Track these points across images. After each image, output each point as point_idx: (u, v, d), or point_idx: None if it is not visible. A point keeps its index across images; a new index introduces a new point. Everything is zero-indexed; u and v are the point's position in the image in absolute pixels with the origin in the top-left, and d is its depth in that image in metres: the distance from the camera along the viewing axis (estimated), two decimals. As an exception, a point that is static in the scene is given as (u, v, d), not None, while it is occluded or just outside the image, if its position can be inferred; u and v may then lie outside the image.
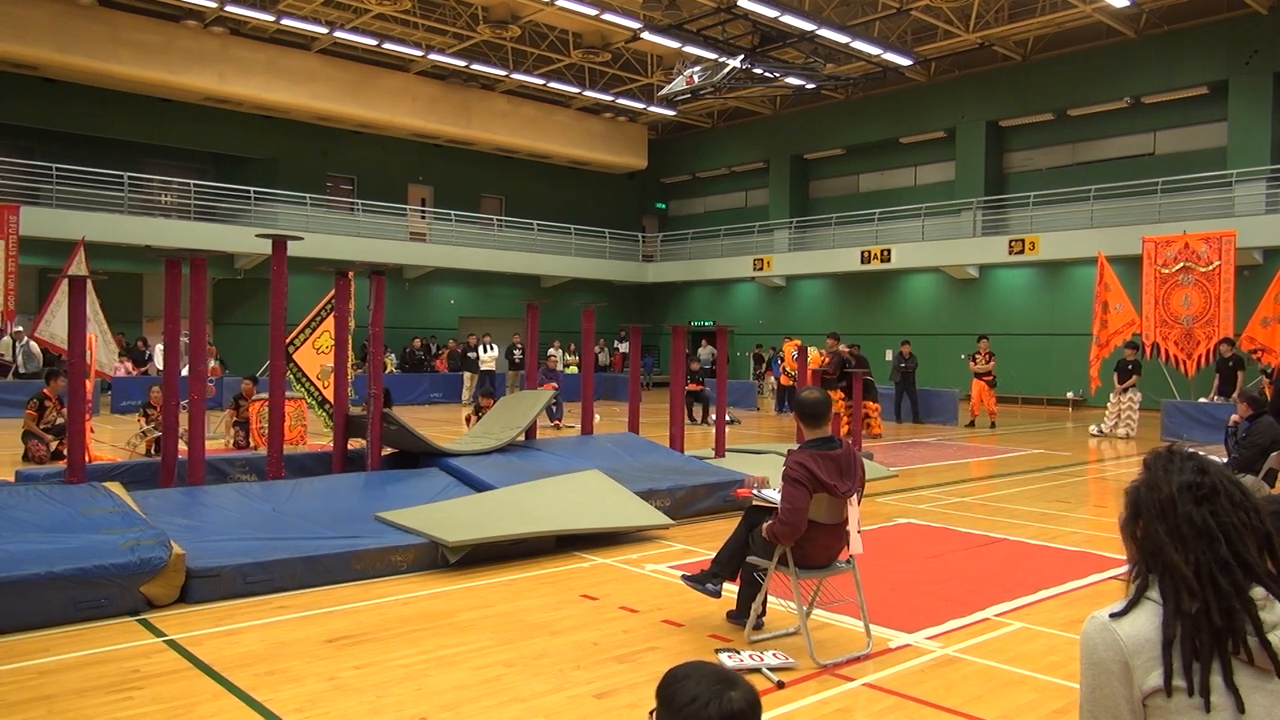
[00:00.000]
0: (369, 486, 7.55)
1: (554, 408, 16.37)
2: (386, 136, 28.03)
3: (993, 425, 17.27)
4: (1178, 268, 16.44)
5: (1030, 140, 25.08)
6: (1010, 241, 22.78)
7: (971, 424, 17.51)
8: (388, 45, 23.90)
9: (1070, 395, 22.07)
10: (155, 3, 21.70)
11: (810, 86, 25.22)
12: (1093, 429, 16.37)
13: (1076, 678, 1.71)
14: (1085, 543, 7.44)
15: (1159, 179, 21.12)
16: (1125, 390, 16.01)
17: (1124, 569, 1.73)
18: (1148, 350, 16.58)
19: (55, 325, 12.09)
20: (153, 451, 11.19)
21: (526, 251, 28.76)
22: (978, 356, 17.51)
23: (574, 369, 23.59)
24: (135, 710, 3.88)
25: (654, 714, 1.61)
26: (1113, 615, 1.66)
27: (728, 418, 12.55)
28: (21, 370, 18.56)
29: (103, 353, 12.49)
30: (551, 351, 22.62)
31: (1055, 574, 6.38)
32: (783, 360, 17.28)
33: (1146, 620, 1.63)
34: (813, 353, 15.32)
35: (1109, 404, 16.32)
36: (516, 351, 21.35)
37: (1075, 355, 20.64)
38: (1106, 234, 20.31)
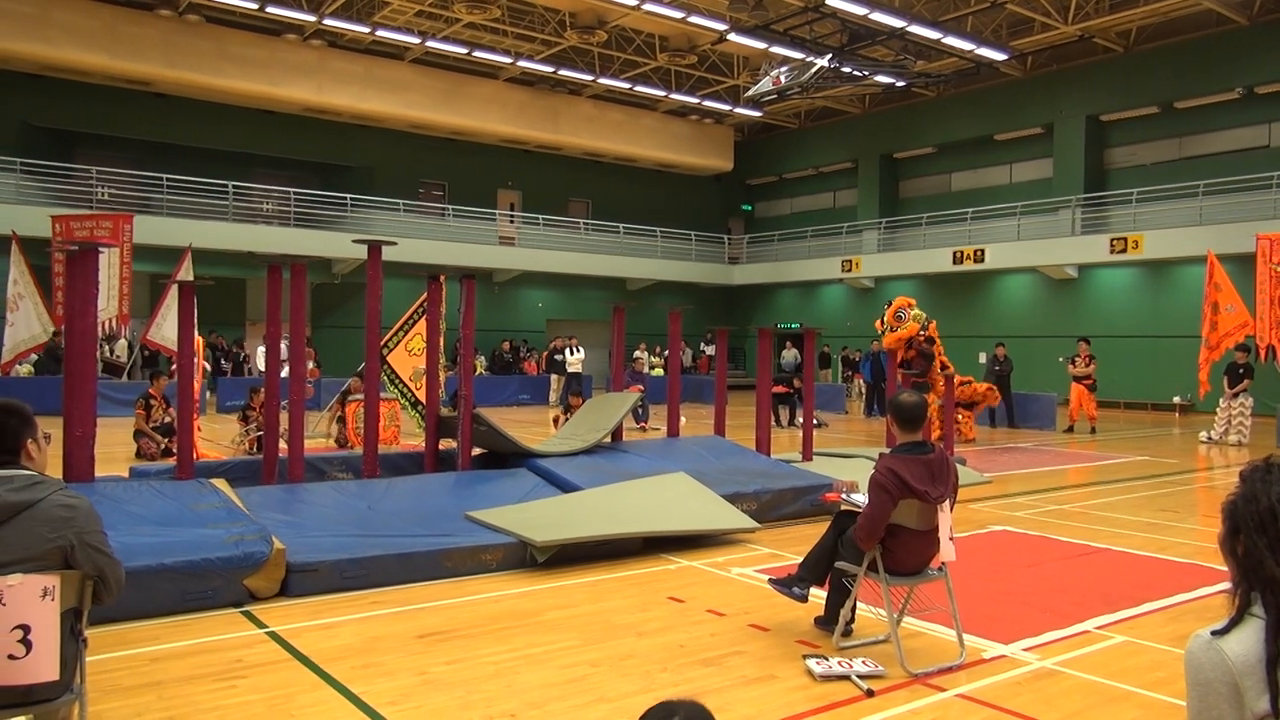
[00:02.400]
0: (459, 486, 7.68)
1: (640, 410, 16.42)
2: (476, 143, 28.59)
3: (1093, 430, 16.68)
4: (1295, 266, 15.57)
5: (1133, 135, 24.12)
6: (1112, 240, 21.98)
7: (1070, 429, 16.94)
8: (478, 53, 24.38)
9: (1177, 400, 21.15)
10: (258, 18, 22.59)
11: (900, 84, 24.74)
12: (1203, 435, 15.67)
13: (1184, 695, 1.63)
14: (1194, 554, 7.10)
15: (1274, 173, 20.09)
16: (1236, 395, 15.31)
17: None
18: (1262, 353, 15.76)
19: (166, 328, 12.68)
20: (255, 450, 11.63)
21: (613, 254, 28.97)
22: (1077, 359, 16.96)
23: (660, 371, 23.64)
24: (239, 699, 4.03)
25: None
26: (1214, 633, 1.58)
27: (815, 421, 12.39)
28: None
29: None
30: (638, 354, 22.68)
31: (1161, 586, 6.11)
32: (888, 307, 16.36)
33: (1255, 639, 1.55)
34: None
35: (1219, 409, 15.60)
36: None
37: (1182, 358, 19.75)
38: (1216, 231, 19.44)
